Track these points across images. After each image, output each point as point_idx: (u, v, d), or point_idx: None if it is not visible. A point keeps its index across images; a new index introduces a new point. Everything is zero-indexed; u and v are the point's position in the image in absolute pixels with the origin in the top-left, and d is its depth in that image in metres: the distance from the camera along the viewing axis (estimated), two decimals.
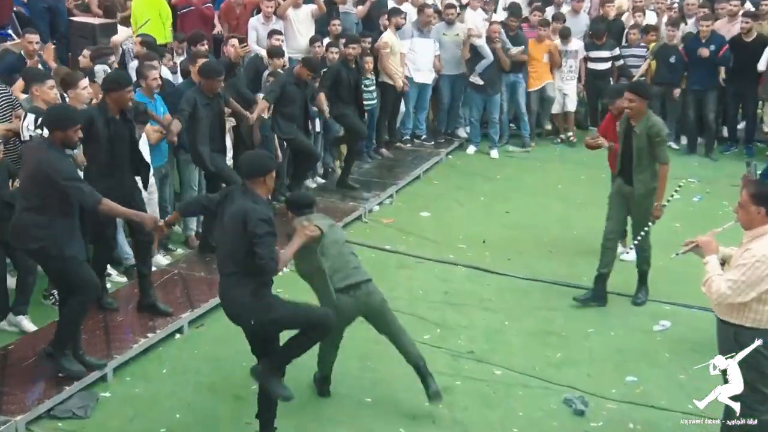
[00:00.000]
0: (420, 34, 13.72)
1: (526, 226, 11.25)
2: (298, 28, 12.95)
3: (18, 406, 6.65)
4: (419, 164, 13.33)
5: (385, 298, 7.19)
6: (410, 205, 12.01)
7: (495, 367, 7.79)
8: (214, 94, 9.28)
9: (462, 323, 8.62)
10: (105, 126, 7.72)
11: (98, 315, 8.16)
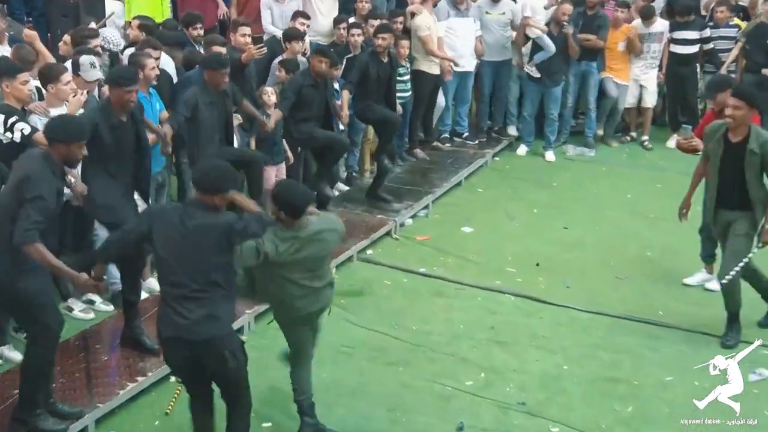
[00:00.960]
0: (457, 12, 13.38)
1: (589, 245, 10.93)
2: (318, 7, 12.77)
3: None
4: (460, 168, 13.04)
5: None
6: (449, 219, 11.73)
7: (551, 422, 7.48)
8: (219, 91, 9.09)
9: (511, 366, 8.32)
10: (110, 132, 7.64)
11: (79, 354, 7.94)
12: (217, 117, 9.10)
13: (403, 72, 12.47)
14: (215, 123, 9.11)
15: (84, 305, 8.87)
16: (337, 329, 8.80)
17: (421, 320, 9.06)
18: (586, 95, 14.08)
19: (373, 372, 8.13)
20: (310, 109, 10.39)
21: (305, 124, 10.48)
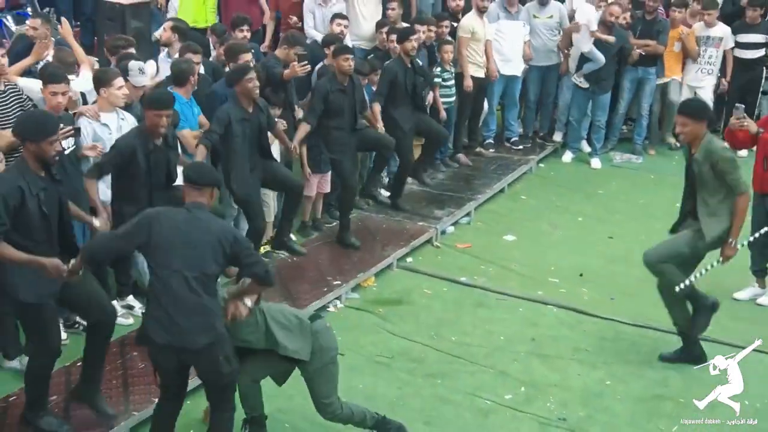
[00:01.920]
0: (507, 15, 13.24)
1: (635, 257, 10.54)
2: (361, 11, 12.62)
3: None
4: (503, 175, 12.85)
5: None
6: (491, 227, 11.60)
7: None
8: (253, 106, 8.98)
9: (552, 380, 8.17)
10: (145, 157, 7.72)
11: (116, 361, 7.88)
12: (250, 132, 8.98)
13: (447, 77, 12.33)
14: (249, 138, 9.00)
15: (124, 310, 8.77)
16: (376, 339, 8.75)
17: (460, 331, 8.94)
18: (640, 102, 13.81)
19: (411, 384, 8.01)
20: (340, 116, 10.10)
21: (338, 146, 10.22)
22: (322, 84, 10.12)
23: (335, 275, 9.62)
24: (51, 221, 6.59)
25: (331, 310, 9.24)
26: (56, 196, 6.69)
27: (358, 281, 9.70)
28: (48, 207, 6.53)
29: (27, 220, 6.42)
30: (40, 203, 6.44)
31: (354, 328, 8.91)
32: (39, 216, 6.47)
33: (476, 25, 12.62)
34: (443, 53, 12.16)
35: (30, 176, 6.43)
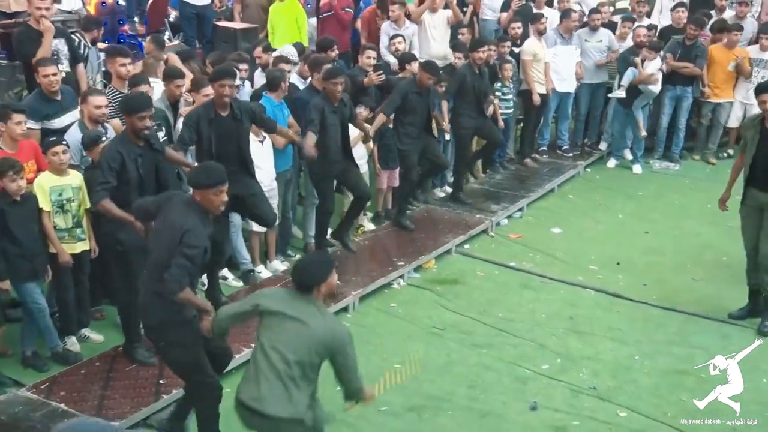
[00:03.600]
0: (562, 41, 12.77)
1: (668, 249, 10.20)
2: (432, 33, 12.22)
3: (117, 411, 6.32)
4: (554, 177, 12.34)
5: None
6: (541, 221, 11.09)
7: (619, 407, 6.88)
8: (338, 101, 8.68)
9: (586, 354, 7.72)
10: (208, 125, 7.50)
11: None
12: (338, 122, 8.69)
13: (506, 92, 11.89)
14: (337, 128, 8.71)
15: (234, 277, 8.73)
16: (432, 313, 8.41)
17: (507, 308, 8.52)
18: (678, 116, 13.11)
19: (459, 352, 7.65)
20: (414, 115, 9.79)
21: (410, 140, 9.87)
22: (404, 84, 9.80)
23: (400, 257, 9.29)
24: (147, 183, 6.58)
25: (395, 287, 8.92)
26: (153, 162, 6.69)
27: (420, 263, 9.34)
28: (144, 170, 6.56)
29: (127, 180, 6.45)
30: (137, 167, 6.49)
31: (413, 303, 8.59)
32: (137, 178, 6.50)
33: (537, 49, 12.21)
34: (503, 71, 11.73)
35: (129, 145, 6.54)
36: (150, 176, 6.60)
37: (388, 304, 8.52)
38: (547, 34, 12.54)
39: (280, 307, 4.96)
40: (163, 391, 6.60)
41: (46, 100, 7.84)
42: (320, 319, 4.90)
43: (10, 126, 7.08)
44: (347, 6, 12.72)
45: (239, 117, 7.43)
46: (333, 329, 4.93)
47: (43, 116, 7.78)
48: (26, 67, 8.97)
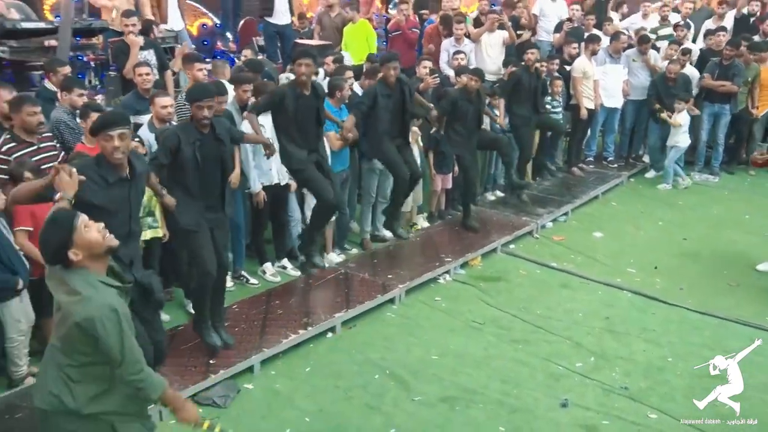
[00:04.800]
0: (611, 59, 12.01)
1: (705, 256, 9.27)
2: (488, 51, 11.61)
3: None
4: (599, 185, 11.46)
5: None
6: (584, 225, 10.21)
7: (650, 409, 6.04)
8: (393, 86, 8.10)
9: (620, 354, 6.88)
10: (293, 101, 7.12)
11: (260, 306, 7.20)
12: (392, 106, 8.09)
13: (556, 105, 11.16)
14: (391, 111, 8.11)
15: (275, 270, 8.13)
16: (473, 307, 7.68)
17: (545, 306, 7.73)
18: (717, 132, 12.15)
19: (497, 347, 6.91)
20: (464, 120, 9.12)
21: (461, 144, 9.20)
22: (454, 92, 9.20)
23: (448, 254, 8.59)
24: (205, 170, 5.98)
25: (440, 282, 8.21)
26: (216, 152, 6.06)
27: (467, 260, 8.61)
28: (202, 156, 5.93)
29: (183, 164, 5.90)
30: (195, 151, 5.88)
31: (457, 298, 7.88)
32: (193, 162, 5.91)
33: (586, 67, 11.44)
34: (554, 87, 11.06)
35: (189, 130, 5.98)
36: (210, 164, 5.97)
37: (432, 297, 7.82)
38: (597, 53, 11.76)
39: (54, 291, 3.71)
40: (211, 371, 6.06)
41: (139, 97, 7.74)
42: (76, 296, 3.57)
43: (89, 123, 6.64)
44: (413, 27, 12.32)
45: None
46: (84, 305, 3.54)
47: (135, 111, 7.55)
48: (121, 75, 9.13)
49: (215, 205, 6.14)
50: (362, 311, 7.30)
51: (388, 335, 6.99)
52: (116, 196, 4.74)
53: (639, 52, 12.13)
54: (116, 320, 3.54)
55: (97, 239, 3.65)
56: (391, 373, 6.32)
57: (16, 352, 5.87)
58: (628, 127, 12.58)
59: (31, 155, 6.22)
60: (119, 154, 4.66)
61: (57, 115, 7.07)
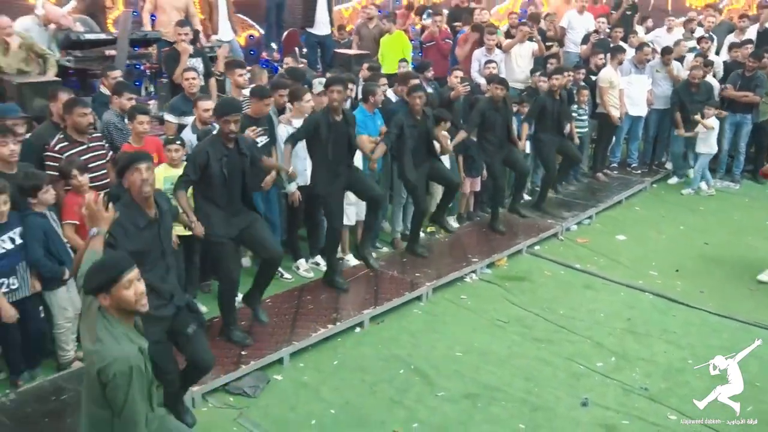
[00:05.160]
0: (636, 70, 11.62)
1: (726, 261, 8.87)
2: (517, 61, 11.32)
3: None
4: (622, 190, 11.07)
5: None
6: (608, 228, 9.83)
7: (669, 410, 5.72)
8: (421, 115, 7.80)
9: (641, 355, 6.56)
10: (327, 129, 6.79)
11: (292, 301, 6.98)
12: (417, 135, 7.79)
13: (582, 113, 10.80)
14: (418, 140, 7.81)
15: (308, 266, 7.91)
16: (498, 306, 7.39)
17: (569, 307, 7.42)
18: (738, 141, 11.68)
19: (520, 345, 6.62)
20: (493, 129, 8.84)
21: (491, 152, 8.94)
22: (482, 104, 8.89)
23: (475, 254, 8.30)
24: (230, 184, 5.79)
25: (467, 281, 7.92)
26: (239, 166, 5.85)
27: (493, 260, 8.31)
28: (228, 170, 5.74)
29: (210, 178, 5.69)
30: (222, 167, 5.68)
31: (482, 296, 7.59)
32: (220, 177, 5.71)
33: (612, 77, 11.08)
34: (580, 96, 10.71)
35: (217, 146, 5.74)
36: (234, 176, 5.81)
37: (458, 296, 7.55)
38: (623, 64, 11.43)
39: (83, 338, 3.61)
40: (242, 362, 5.88)
41: (186, 100, 7.58)
42: (99, 344, 3.39)
43: (135, 125, 6.65)
44: (446, 37, 12.07)
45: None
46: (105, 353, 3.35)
47: (181, 112, 7.50)
48: (171, 81, 9.01)
49: (241, 210, 5.98)
50: (390, 308, 7.06)
51: (414, 331, 6.75)
52: (148, 239, 4.65)
53: (662, 63, 11.74)
54: (128, 377, 3.34)
55: (130, 300, 3.46)
56: (415, 369, 6.08)
57: (64, 338, 5.80)
58: (651, 134, 12.17)
59: (80, 154, 6.16)
60: (147, 187, 4.55)
61: (107, 117, 7.02)
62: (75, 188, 5.82)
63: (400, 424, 5.36)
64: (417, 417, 5.44)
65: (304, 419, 5.40)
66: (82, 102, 6.21)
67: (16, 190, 5.47)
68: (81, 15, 10.41)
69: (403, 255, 8.22)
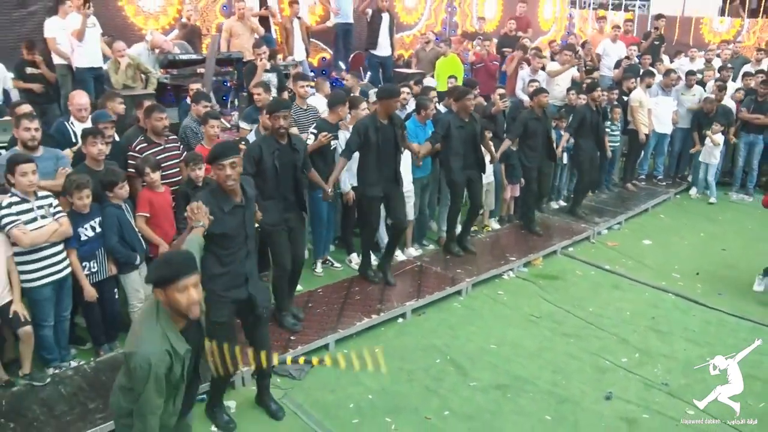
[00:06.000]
0: (663, 92, 10.86)
1: (742, 267, 8.08)
2: (557, 81, 10.62)
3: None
4: (649, 199, 10.29)
5: None
6: (635, 233, 9.09)
7: (688, 405, 5.09)
8: (468, 117, 7.19)
9: (662, 351, 5.91)
10: (375, 132, 6.20)
11: (341, 292, 6.50)
12: (465, 136, 7.19)
13: (615, 129, 10.07)
14: (464, 141, 7.20)
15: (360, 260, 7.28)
16: (531, 302, 6.80)
17: (597, 305, 6.79)
18: (751, 159, 10.83)
19: (550, 339, 6.03)
20: (535, 137, 8.22)
21: (533, 157, 8.30)
22: (524, 114, 8.30)
23: (513, 253, 7.72)
24: (282, 176, 5.33)
25: (504, 278, 7.34)
26: (291, 160, 5.39)
27: (529, 260, 7.71)
28: (280, 164, 5.29)
29: (264, 172, 5.24)
30: (274, 160, 5.25)
31: (517, 293, 7.00)
32: (273, 170, 5.27)
33: (642, 98, 10.37)
34: (613, 114, 10.00)
35: (269, 141, 5.33)
36: (286, 170, 5.37)
37: (496, 291, 6.99)
38: (652, 87, 10.72)
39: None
40: (291, 346, 5.45)
41: (257, 110, 7.13)
42: (136, 334, 3.09)
43: (206, 129, 6.29)
44: (494, 60, 11.42)
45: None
46: (136, 342, 3.05)
47: (253, 120, 7.14)
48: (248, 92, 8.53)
49: (291, 205, 5.54)
50: (431, 301, 6.55)
51: (452, 324, 6.23)
52: (233, 222, 4.17)
53: (686, 86, 11.00)
54: (146, 372, 2.98)
55: (181, 305, 3.05)
56: (451, 359, 5.57)
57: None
58: (676, 150, 11.36)
59: (157, 154, 5.83)
60: (231, 181, 4.11)
61: (186, 122, 6.73)
62: (148, 184, 5.50)
63: (433, 411, 4.86)
64: (449, 405, 4.94)
65: (343, 402, 4.96)
66: (158, 108, 5.90)
67: (98, 184, 5.20)
68: (180, 41, 10.24)
69: (446, 253, 7.68)
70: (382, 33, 11.32)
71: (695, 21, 17.70)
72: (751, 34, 17.31)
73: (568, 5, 18.43)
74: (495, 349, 5.77)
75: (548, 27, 17.07)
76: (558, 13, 17.47)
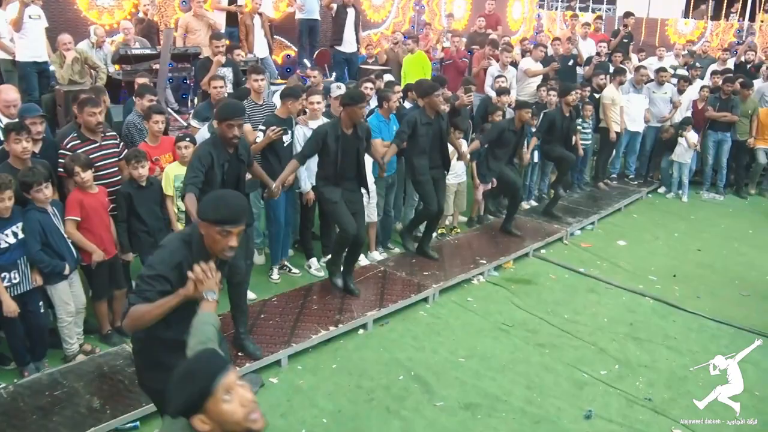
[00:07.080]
0: (635, 90, 10.37)
1: (718, 266, 7.62)
2: (530, 79, 10.13)
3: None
4: (622, 198, 9.80)
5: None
6: (609, 234, 8.58)
7: (674, 423, 4.54)
8: (435, 115, 6.57)
9: (643, 362, 5.37)
10: (335, 141, 5.52)
11: (298, 301, 5.83)
12: (431, 135, 6.59)
13: (586, 126, 9.54)
14: (430, 139, 6.60)
15: (319, 265, 6.76)
16: (503, 309, 6.19)
17: (572, 310, 6.23)
18: (720, 157, 10.45)
19: (523, 350, 5.43)
20: (506, 148, 7.69)
21: (497, 164, 7.74)
22: (502, 123, 7.73)
23: (483, 256, 7.11)
24: (227, 188, 4.48)
25: (474, 283, 6.74)
26: (237, 171, 4.69)
27: (500, 263, 7.13)
28: (228, 176, 4.59)
29: (211, 181, 4.49)
30: (223, 172, 4.54)
31: (488, 299, 6.40)
32: (220, 182, 4.52)
33: (614, 95, 9.88)
34: (585, 111, 9.46)
35: (219, 149, 4.55)
36: (231, 182, 4.64)
37: (465, 298, 6.37)
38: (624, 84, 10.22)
39: None
40: (237, 364, 4.77)
41: (211, 106, 6.42)
42: None
43: (150, 124, 5.62)
44: (464, 57, 10.91)
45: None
46: None
47: (204, 118, 6.46)
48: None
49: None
50: (395, 309, 5.91)
51: (417, 334, 5.60)
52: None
53: (657, 83, 10.54)
54: None
55: (236, 416, 1.98)
56: (415, 375, 4.93)
57: (67, 332, 4.83)
58: (647, 149, 10.89)
59: (91, 152, 5.12)
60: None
61: (129, 118, 6.04)
62: (78, 185, 4.80)
63: None
64: (412, 429, 4.31)
65: (295, 428, 4.29)
66: (91, 102, 5.17)
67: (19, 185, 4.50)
68: (137, 36, 9.53)
69: (412, 256, 7.06)
70: (347, 29, 10.74)
71: (660, 22, 17.51)
72: (714, 36, 17.18)
73: (536, 6, 18.05)
74: (463, 363, 5.15)
75: (517, 27, 16.64)
76: (527, 13, 17.05)
